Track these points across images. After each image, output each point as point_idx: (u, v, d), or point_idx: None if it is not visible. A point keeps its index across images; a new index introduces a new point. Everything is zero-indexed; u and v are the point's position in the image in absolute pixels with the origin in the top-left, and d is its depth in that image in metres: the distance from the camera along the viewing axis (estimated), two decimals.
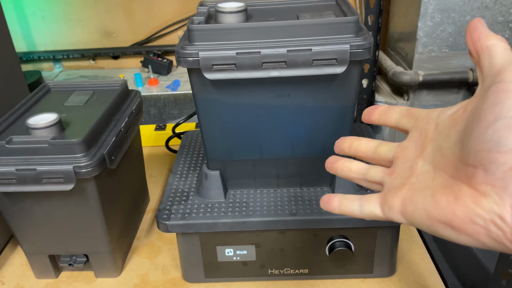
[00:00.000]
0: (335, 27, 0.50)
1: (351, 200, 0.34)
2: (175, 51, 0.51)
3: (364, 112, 0.38)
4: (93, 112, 0.61)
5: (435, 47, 0.98)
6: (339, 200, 0.35)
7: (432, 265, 0.65)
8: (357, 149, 0.38)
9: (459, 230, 0.26)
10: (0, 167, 0.53)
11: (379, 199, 0.33)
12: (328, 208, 0.36)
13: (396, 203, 0.31)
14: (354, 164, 0.37)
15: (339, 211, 0.35)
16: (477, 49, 0.29)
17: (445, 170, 0.28)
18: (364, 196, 0.34)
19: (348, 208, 0.34)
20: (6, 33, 0.75)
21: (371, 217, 0.33)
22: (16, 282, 0.66)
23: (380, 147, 0.36)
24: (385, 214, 0.32)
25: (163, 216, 0.58)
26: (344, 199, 0.35)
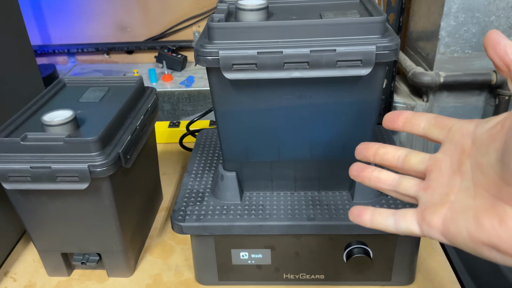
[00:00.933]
0: (361, 27, 0.48)
1: (385, 215, 0.33)
2: (194, 49, 0.50)
3: (385, 117, 0.36)
4: (109, 109, 0.60)
5: (458, 48, 0.96)
6: (371, 214, 0.34)
7: (452, 274, 0.63)
8: (383, 157, 0.36)
9: (505, 253, 0.25)
10: (15, 164, 0.52)
11: (415, 216, 0.31)
12: (359, 221, 0.34)
13: (436, 223, 0.29)
14: (383, 174, 0.35)
15: (371, 225, 0.34)
16: (507, 64, 0.28)
17: (487, 189, 0.27)
18: (399, 212, 0.33)
19: (381, 224, 0.33)
20: (22, 26, 0.74)
21: (407, 234, 0.32)
22: (28, 279, 0.65)
23: (410, 158, 0.34)
24: (423, 232, 0.31)
25: (178, 217, 0.57)
26: (377, 214, 0.33)
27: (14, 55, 0.71)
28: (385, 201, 0.58)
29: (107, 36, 1.45)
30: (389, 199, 0.58)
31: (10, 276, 0.66)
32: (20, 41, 0.74)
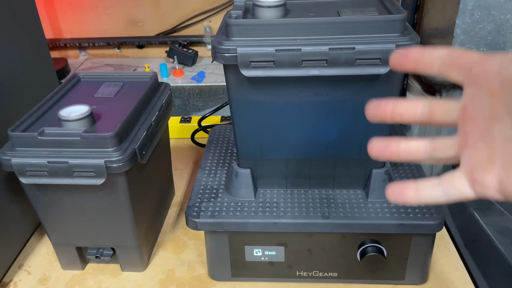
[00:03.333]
0: (380, 25, 0.48)
1: (430, 186, 0.30)
2: (212, 46, 0.50)
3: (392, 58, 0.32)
4: (124, 105, 0.60)
5: (473, 46, 0.94)
6: (415, 190, 0.31)
7: (465, 274, 0.63)
8: (404, 114, 0.32)
9: None
10: (32, 159, 0.52)
11: (465, 178, 0.29)
12: (403, 200, 0.31)
13: (491, 182, 0.27)
14: (412, 144, 0.31)
15: (419, 201, 0.31)
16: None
17: None
18: (444, 178, 0.30)
19: (430, 197, 0.30)
20: (37, 21, 0.75)
21: (461, 200, 0.29)
22: (42, 272, 0.66)
23: (435, 109, 0.30)
24: (478, 194, 0.28)
25: (193, 213, 0.57)
26: (422, 188, 0.30)
27: (29, 49, 0.72)
28: None
29: (118, 31, 1.45)
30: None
31: (25, 269, 0.67)
32: (35, 35, 0.74)
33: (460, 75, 0.29)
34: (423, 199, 0.31)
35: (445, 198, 0.30)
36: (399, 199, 0.31)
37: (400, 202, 0.32)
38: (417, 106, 0.31)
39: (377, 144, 0.33)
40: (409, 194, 0.31)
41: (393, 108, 0.32)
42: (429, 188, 0.30)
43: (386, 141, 0.32)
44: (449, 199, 0.30)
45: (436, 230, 0.55)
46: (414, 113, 0.31)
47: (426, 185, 0.30)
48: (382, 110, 0.32)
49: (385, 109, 0.32)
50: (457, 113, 0.29)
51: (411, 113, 0.31)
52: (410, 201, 0.31)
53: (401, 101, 0.32)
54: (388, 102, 0.32)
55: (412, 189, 0.31)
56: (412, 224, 0.55)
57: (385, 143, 0.32)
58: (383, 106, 0.32)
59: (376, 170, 0.58)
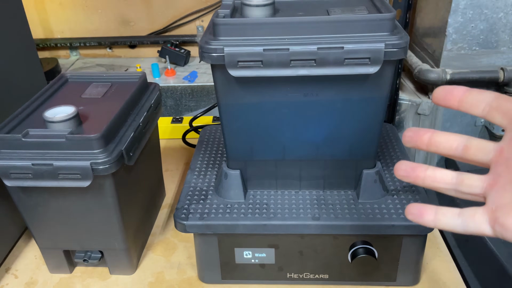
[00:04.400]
0: (369, 24, 0.47)
1: (450, 215, 0.31)
2: (199, 46, 0.49)
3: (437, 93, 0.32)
4: (112, 106, 0.59)
5: (465, 45, 0.94)
6: (434, 214, 0.32)
7: (458, 275, 0.63)
8: (439, 146, 0.32)
9: None
10: (16, 161, 0.51)
11: (486, 215, 0.29)
12: (421, 221, 0.32)
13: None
14: (439, 173, 0.32)
15: (435, 225, 0.32)
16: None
17: None
18: (466, 211, 0.30)
19: (447, 224, 0.31)
20: (23, 20, 0.73)
21: (477, 234, 0.30)
22: (29, 275, 0.65)
23: (472, 146, 0.31)
24: (496, 233, 0.29)
25: (181, 215, 0.56)
26: (441, 214, 0.31)
27: (15, 49, 0.71)
28: (391, 201, 0.57)
29: (110, 30, 1.44)
30: (395, 199, 0.58)
31: (12, 272, 0.66)
32: (21, 35, 0.73)
33: (504, 120, 0.30)
34: (440, 225, 0.32)
35: (461, 229, 0.31)
36: (418, 219, 0.32)
37: (417, 222, 0.32)
38: (454, 139, 0.32)
39: (404, 166, 0.34)
40: (428, 217, 0.32)
41: (431, 137, 0.33)
42: (449, 216, 0.31)
43: (413, 165, 0.33)
44: (465, 231, 0.30)
45: (427, 231, 0.55)
46: (450, 146, 0.32)
47: (446, 212, 0.31)
48: (419, 137, 0.33)
49: (423, 136, 0.33)
50: (493, 154, 0.30)
51: (447, 146, 0.32)
52: (427, 224, 0.32)
53: (439, 132, 0.33)
54: (426, 131, 0.33)
55: (431, 213, 0.32)
56: (403, 225, 0.54)
57: (412, 166, 0.33)
58: (421, 133, 0.33)
59: (367, 170, 0.57)
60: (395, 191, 0.59)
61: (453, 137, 0.32)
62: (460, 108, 0.32)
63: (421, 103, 1.02)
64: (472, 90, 0.32)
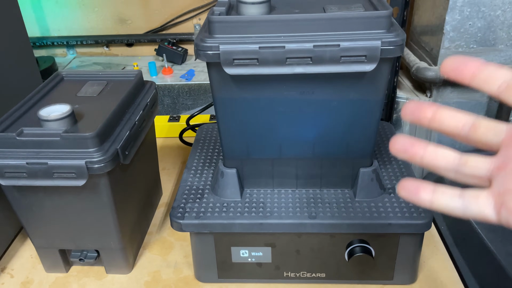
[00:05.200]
0: (365, 22, 0.47)
1: (449, 195, 0.28)
2: (194, 44, 0.48)
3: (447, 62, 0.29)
4: (107, 104, 0.59)
5: (463, 42, 0.94)
6: (431, 193, 0.29)
7: (455, 273, 0.63)
8: (443, 123, 0.29)
9: None
10: (11, 160, 0.51)
11: (492, 199, 0.27)
12: (415, 199, 0.29)
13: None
14: (441, 151, 0.29)
15: (431, 206, 0.29)
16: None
17: None
18: (469, 192, 0.28)
19: (445, 205, 0.28)
20: (18, 18, 0.73)
21: (478, 219, 0.28)
22: (25, 275, 0.65)
23: (480, 126, 0.28)
24: (501, 219, 0.27)
25: (177, 214, 0.56)
26: (440, 193, 0.28)
27: (10, 47, 0.70)
28: (388, 199, 0.57)
29: (107, 29, 1.43)
30: (392, 197, 0.57)
31: (7, 272, 0.65)
32: (17, 33, 0.72)
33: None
34: (437, 205, 0.29)
35: (461, 211, 0.28)
36: (412, 196, 0.29)
37: (411, 200, 0.29)
38: (462, 117, 0.29)
39: (402, 140, 0.30)
40: (425, 196, 0.29)
41: (435, 112, 0.29)
42: (448, 196, 0.28)
43: (412, 139, 0.30)
44: (465, 213, 0.28)
45: (424, 229, 0.55)
46: (456, 123, 0.28)
47: (445, 191, 0.29)
48: (422, 110, 0.29)
49: (426, 110, 0.29)
50: (504, 135, 0.27)
51: (453, 123, 0.29)
52: (422, 202, 0.29)
53: (445, 107, 0.29)
54: (431, 104, 0.29)
55: (428, 190, 0.29)
56: (400, 223, 0.54)
57: (411, 141, 0.30)
58: (424, 106, 0.29)
59: (364, 169, 0.57)
60: (392, 189, 0.59)
61: (461, 115, 0.29)
62: (472, 83, 0.28)
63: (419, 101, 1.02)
64: (489, 64, 0.28)
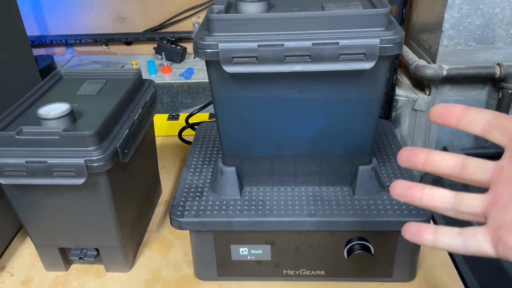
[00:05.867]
0: (364, 20, 0.47)
1: (450, 235, 0.30)
2: (193, 42, 0.48)
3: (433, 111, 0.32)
4: (106, 103, 0.59)
5: (461, 40, 0.94)
6: (433, 234, 0.31)
7: (454, 270, 0.63)
8: (436, 165, 0.32)
9: None
10: (10, 159, 0.51)
11: (488, 235, 0.29)
12: (419, 241, 0.31)
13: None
14: (437, 192, 0.32)
15: (434, 245, 0.31)
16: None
17: None
18: (467, 231, 0.30)
19: (447, 245, 0.30)
20: (17, 16, 0.73)
21: (479, 255, 0.30)
22: (25, 273, 0.65)
23: (469, 166, 0.31)
24: (499, 253, 0.28)
25: (177, 212, 0.56)
26: (441, 233, 0.31)
27: (9, 46, 0.70)
28: (387, 197, 0.57)
29: (106, 27, 1.43)
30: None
31: (7, 271, 0.66)
32: (15, 32, 0.72)
33: (504, 138, 0.29)
34: (439, 245, 0.31)
35: (462, 249, 0.30)
36: (415, 238, 0.32)
37: (415, 242, 0.32)
38: (451, 158, 0.31)
39: (401, 185, 0.33)
40: (427, 237, 0.31)
41: (427, 156, 0.32)
42: (449, 236, 0.30)
43: (409, 184, 0.33)
44: (466, 251, 0.30)
45: None
46: (447, 165, 0.31)
47: (446, 232, 0.30)
48: (415, 156, 0.33)
49: (419, 156, 0.32)
50: (492, 172, 0.29)
51: (444, 165, 0.31)
52: (426, 243, 0.31)
53: (435, 151, 0.32)
54: (422, 150, 0.32)
55: (430, 232, 0.31)
56: (399, 221, 0.54)
57: (409, 185, 0.33)
58: (417, 152, 0.33)
59: (363, 167, 0.57)
60: None
61: (450, 156, 0.31)
62: (459, 126, 0.31)
63: (418, 99, 1.02)
64: (470, 108, 0.31)
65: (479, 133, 0.30)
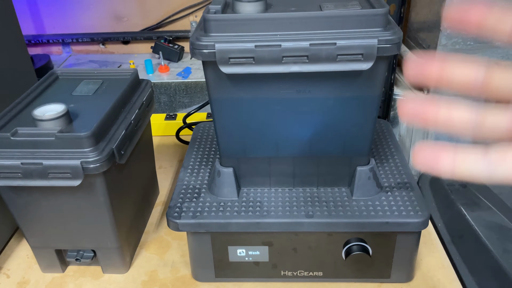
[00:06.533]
0: (362, 20, 0.46)
1: (473, 158, 0.24)
2: (190, 42, 0.48)
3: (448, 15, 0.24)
4: (102, 103, 0.59)
5: (460, 39, 0.94)
6: (452, 158, 0.24)
7: (452, 271, 0.63)
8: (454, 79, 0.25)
9: None
10: (5, 160, 0.50)
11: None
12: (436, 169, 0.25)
13: None
14: (455, 111, 0.25)
15: (453, 173, 0.24)
16: None
17: None
18: (494, 153, 0.24)
19: (470, 171, 0.24)
20: (12, 15, 0.72)
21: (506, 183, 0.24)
22: (21, 275, 0.64)
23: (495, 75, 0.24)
24: None
25: (174, 214, 0.56)
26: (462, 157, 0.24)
27: (4, 46, 0.69)
28: (385, 198, 0.57)
29: (103, 26, 1.42)
30: (389, 196, 0.57)
31: (4, 272, 0.65)
32: (11, 31, 0.72)
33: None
34: (460, 171, 0.24)
35: (487, 175, 0.24)
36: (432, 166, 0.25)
37: (429, 171, 0.25)
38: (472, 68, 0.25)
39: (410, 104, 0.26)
40: (445, 162, 0.24)
41: (441, 69, 0.25)
42: (471, 159, 0.24)
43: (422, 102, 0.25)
44: (492, 178, 0.24)
45: (421, 228, 0.55)
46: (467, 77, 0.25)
47: (467, 155, 0.24)
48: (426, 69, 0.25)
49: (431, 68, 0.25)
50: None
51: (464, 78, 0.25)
52: (444, 171, 0.25)
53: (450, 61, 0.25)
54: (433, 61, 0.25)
55: (449, 157, 0.24)
56: (397, 222, 0.54)
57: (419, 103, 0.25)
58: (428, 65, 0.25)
59: (361, 167, 0.57)
60: (389, 188, 0.59)
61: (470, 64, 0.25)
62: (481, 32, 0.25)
63: None
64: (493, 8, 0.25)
65: (506, 40, 0.24)
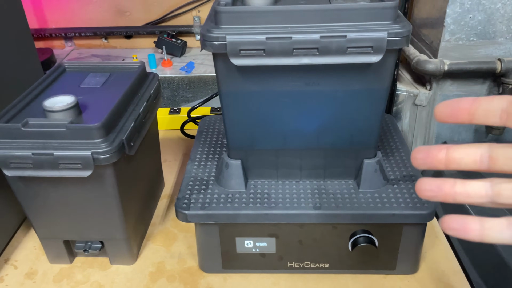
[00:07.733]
0: (372, 13, 0.47)
1: (498, 228, 0.28)
2: (200, 34, 0.48)
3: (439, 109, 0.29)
4: (111, 95, 0.59)
5: (463, 35, 0.94)
6: (480, 228, 0.28)
7: (456, 263, 0.63)
8: (460, 163, 0.29)
9: None
10: (16, 151, 0.51)
11: None
12: (465, 236, 0.29)
13: None
14: (470, 186, 0.29)
15: (482, 240, 0.28)
16: None
17: None
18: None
19: (496, 238, 0.28)
20: (20, 10, 0.73)
21: None
22: (29, 266, 0.65)
23: (498, 155, 0.28)
24: None
25: (183, 205, 0.56)
26: (488, 228, 0.28)
27: (12, 39, 0.70)
28: (391, 190, 0.58)
29: (105, 20, 1.42)
30: (396, 188, 0.58)
31: (11, 263, 0.66)
32: (18, 25, 0.72)
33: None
34: (488, 239, 0.28)
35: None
36: (459, 234, 0.29)
37: (459, 237, 0.29)
38: (475, 151, 0.28)
39: (429, 186, 0.30)
40: (473, 232, 0.28)
41: (447, 155, 0.29)
42: (497, 229, 0.28)
43: (438, 182, 0.29)
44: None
45: (427, 220, 0.55)
46: (473, 160, 0.28)
47: (493, 225, 0.28)
48: (433, 156, 0.29)
49: (437, 155, 0.29)
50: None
51: (470, 161, 0.28)
52: (473, 239, 0.29)
53: (453, 146, 0.29)
54: (439, 148, 0.29)
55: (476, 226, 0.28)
56: (403, 214, 0.54)
57: (438, 184, 0.29)
58: (434, 152, 0.29)
59: (368, 160, 0.57)
60: (395, 180, 0.59)
61: (473, 149, 0.28)
62: (473, 121, 0.28)
63: (419, 94, 1.02)
64: (479, 99, 0.28)
65: (499, 122, 0.28)
